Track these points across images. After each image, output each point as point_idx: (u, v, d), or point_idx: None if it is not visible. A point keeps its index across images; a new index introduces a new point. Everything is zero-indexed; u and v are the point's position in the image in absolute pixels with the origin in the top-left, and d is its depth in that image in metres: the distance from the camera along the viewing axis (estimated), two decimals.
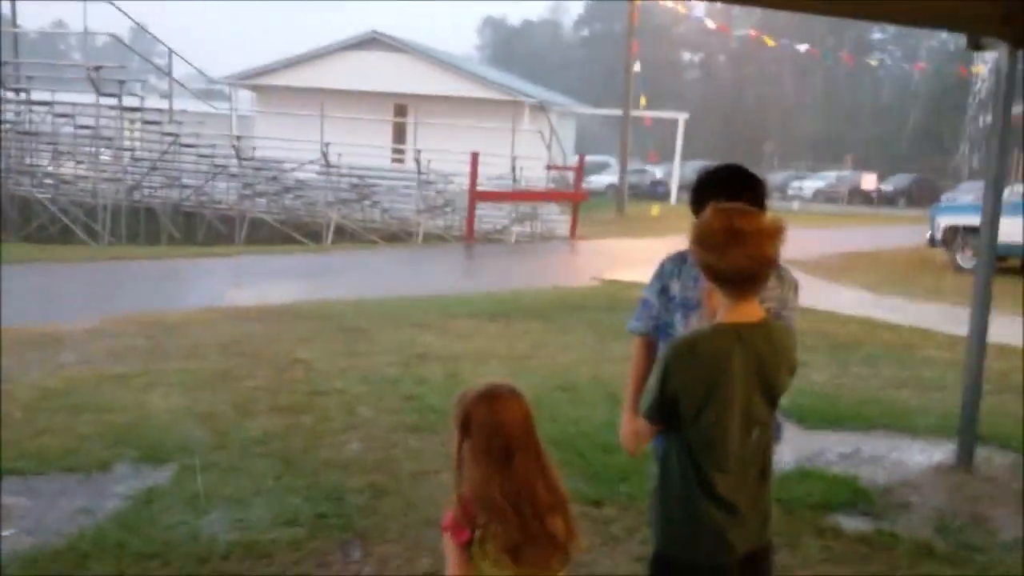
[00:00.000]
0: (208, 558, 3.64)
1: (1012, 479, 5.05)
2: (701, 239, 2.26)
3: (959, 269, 15.13)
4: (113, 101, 19.23)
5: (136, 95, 20.58)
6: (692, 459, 2.27)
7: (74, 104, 19.90)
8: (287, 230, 19.24)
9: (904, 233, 21.03)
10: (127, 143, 20.43)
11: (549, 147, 24.43)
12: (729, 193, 2.49)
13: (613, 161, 36.77)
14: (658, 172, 38.20)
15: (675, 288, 2.87)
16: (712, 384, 2.22)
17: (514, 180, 21.25)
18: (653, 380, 2.31)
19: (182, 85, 23.37)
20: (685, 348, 2.28)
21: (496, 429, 2.07)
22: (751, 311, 2.28)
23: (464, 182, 19.08)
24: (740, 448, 2.27)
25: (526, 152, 23.84)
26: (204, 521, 4.01)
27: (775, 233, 2.21)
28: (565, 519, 2.13)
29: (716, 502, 2.27)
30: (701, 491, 2.27)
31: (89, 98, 19.35)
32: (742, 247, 2.17)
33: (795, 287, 2.86)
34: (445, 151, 20.00)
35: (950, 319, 9.57)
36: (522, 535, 2.03)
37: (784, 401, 2.42)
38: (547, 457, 2.15)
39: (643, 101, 26.84)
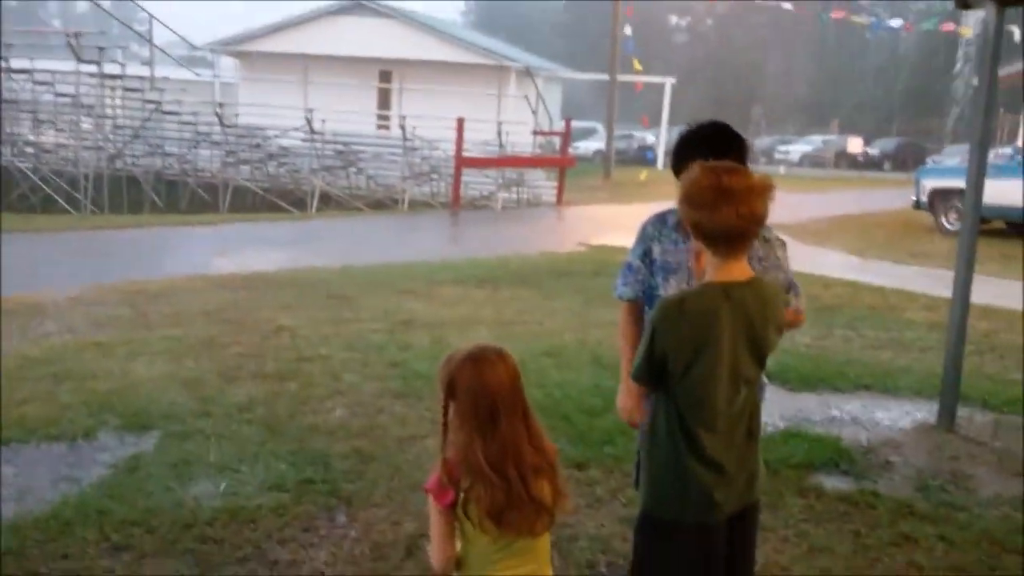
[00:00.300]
0: (192, 524, 3.63)
1: (993, 438, 5.10)
2: (690, 197, 2.22)
3: (944, 232, 15.17)
4: (93, 68, 18.96)
5: (117, 62, 20.30)
6: (680, 419, 2.27)
7: (54, 72, 19.61)
8: (271, 198, 19.12)
9: (890, 197, 21.09)
10: (108, 111, 20.19)
11: (535, 112, 24.28)
12: (713, 151, 2.46)
13: (600, 127, 36.58)
14: (649, 137, 37.98)
15: (656, 251, 2.83)
16: (700, 343, 2.21)
17: (500, 146, 21.13)
18: (642, 342, 2.30)
19: (164, 52, 23.06)
20: (673, 307, 2.26)
21: (482, 392, 2.05)
22: (740, 270, 2.26)
23: (450, 148, 18.96)
24: (728, 407, 2.27)
25: (512, 118, 23.69)
26: (188, 488, 4.00)
27: (764, 191, 2.18)
28: (552, 482, 2.11)
29: (703, 462, 2.26)
30: (688, 451, 2.26)
31: (69, 65, 19.07)
32: (732, 205, 2.15)
33: (783, 244, 2.86)
34: (430, 117, 19.84)
35: (934, 281, 9.62)
36: (506, 499, 2.02)
37: (769, 363, 2.42)
38: (535, 419, 2.12)
39: (637, 65, 26.57)
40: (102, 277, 8.86)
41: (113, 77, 19.75)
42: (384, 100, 27.33)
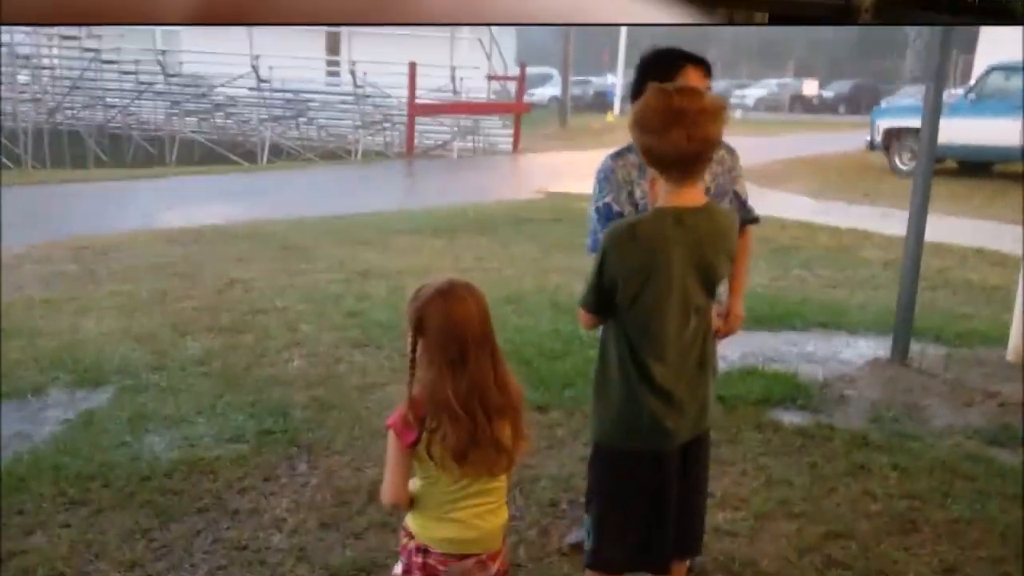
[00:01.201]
0: (150, 477, 3.58)
1: (944, 370, 5.20)
2: (640, 121, 2.16)
3: (896, 172, 15.25)
4: None
5: None
6: (629, 347, 2.24)
7: None
8: (220, 150, 18.68)
9: (845, 138, 21.22)
10: (45, 61, 19.45)
11: (489, 57, 23.91)
12: (670, 68, 2.41)
13: (556, 73, 36.20)
14: (611, 78, 37.46)
15: (638, 194, 2.70)
16: (650, 270, 2.17)
17: (454, 92, 20.81)
18: (591, 269, 2.26)
19: None
20: (625, 233, 2.21)
21: (451, 327, 2.00)
22: (693, 195, 2.20)
23: (402, 95, 18.63)
24: (678, 335, 2.23)
25: (466, 62, 23.31)
26: (145, 441, 3.94)
27: (717, 112, 2.12)
28: (514, 423, 2.08)
29: (653, 390, 2.24)
30: (639, 379, 2.24)
31: None
32: (683, 128, 2.08)
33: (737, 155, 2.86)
34: (382, 63, 19.42)
35: (887, 221, 9.75)
36: (470, 438, 1.99)
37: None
38: (502, 359, 2.08)
39: None
40: (48, 234, 8.63)
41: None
42: (333, 44, 26.74)
